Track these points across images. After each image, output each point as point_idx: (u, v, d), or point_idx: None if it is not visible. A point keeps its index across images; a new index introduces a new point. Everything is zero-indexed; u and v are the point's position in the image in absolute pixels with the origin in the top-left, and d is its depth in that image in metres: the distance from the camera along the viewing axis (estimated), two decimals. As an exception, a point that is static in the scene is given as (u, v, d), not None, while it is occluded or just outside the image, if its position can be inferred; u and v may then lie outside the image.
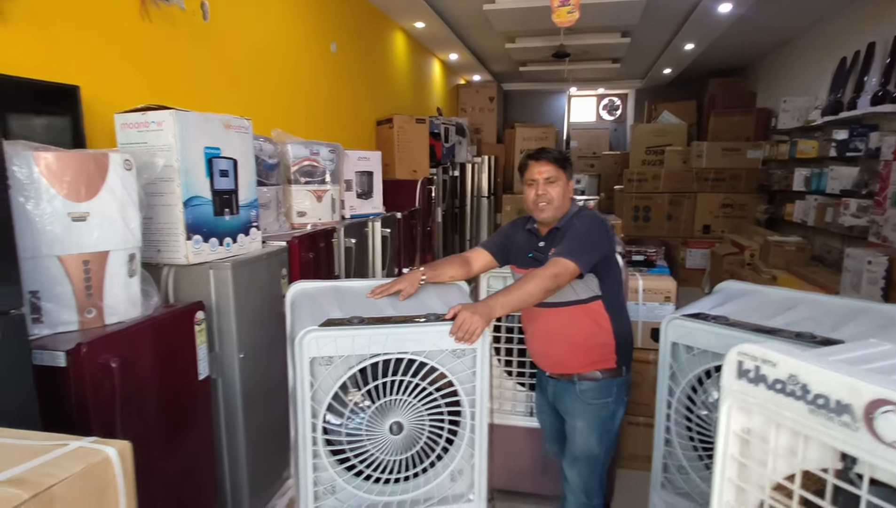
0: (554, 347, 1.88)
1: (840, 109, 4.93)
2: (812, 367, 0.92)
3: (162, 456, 1.79)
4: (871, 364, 0.98)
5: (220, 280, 2.12)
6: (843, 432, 0.87)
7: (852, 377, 0.87)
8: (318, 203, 3.25)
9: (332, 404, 1.54)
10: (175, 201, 2.03)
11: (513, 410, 2.48)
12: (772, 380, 0.98)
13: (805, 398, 0.93)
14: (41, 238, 1.53)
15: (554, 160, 1.84)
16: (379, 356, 1.54)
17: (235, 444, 2.23)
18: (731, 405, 1.07)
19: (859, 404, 0.85)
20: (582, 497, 1.92)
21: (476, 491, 1.70)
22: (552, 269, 1.66)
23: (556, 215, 1.85)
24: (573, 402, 1.87)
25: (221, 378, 2.18)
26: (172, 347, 1.82)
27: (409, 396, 1.58)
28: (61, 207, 1.55)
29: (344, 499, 1.61)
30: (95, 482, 0.88)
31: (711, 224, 6.99)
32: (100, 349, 1.51)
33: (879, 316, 1.54)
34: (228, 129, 2.22)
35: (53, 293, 1.58)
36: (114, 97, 2.29)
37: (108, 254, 1.66)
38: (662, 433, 1.73)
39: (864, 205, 4.49)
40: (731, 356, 1.06)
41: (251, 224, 2.37)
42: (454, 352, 1.59)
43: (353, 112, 4.85)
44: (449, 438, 1.66)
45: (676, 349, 1.67)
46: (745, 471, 1.08)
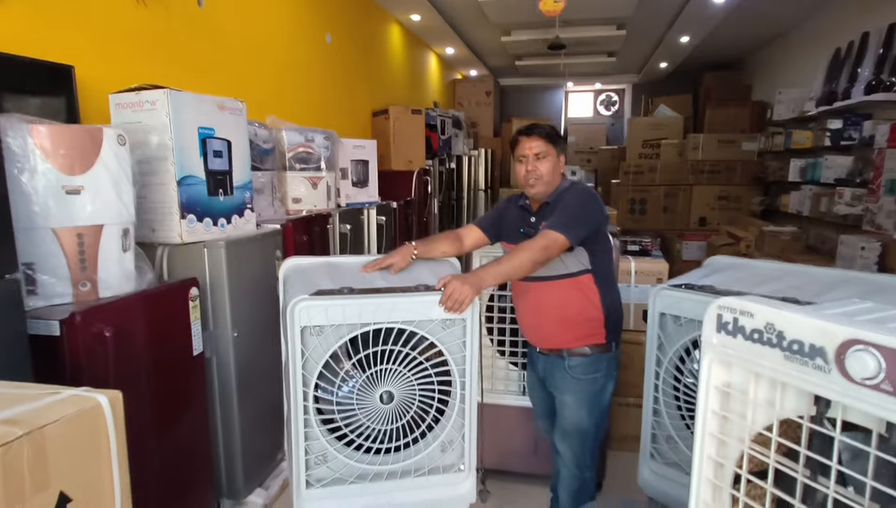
0: (544, 321, 1.89)
1: (834, 99, 4.95)
2: (787, 314, 0.94)
3: (157, 431, 1.80)
4: (848, 316, 1.00)
5: (215, 259, 2.14)
6: (817, 375, 0.89)
7: (825, 321, 0.89)
8: (313, 190, 3.27)
9: (323, 372, 1.56)
10: (169, 179, 2.04)
11: (505, 389, 2.50)
12: (749, 330, 1.00)
13: (781, 345, 0.95)
14: (35, 210, 1.55)
15: (545, 136, 1.85)
16: (369, 326, 1.56)
17: (230, 423, 2.25)
18: (712, 359, 1.09)
19: (832, 346, 0.87)
20: (574, 469, 1.94)
21: (466, 462, 1.72)
22: (542, 241, 1.68)
23: (547, 190, 1.86)
24: (563, 377, 1.89)
25: (216, 357, 2.20)
26: (167, 321, 1.83)
27: (399, 366, 1.59)
28: (55, 179, 1.57)
29: (335, 468, 1.63)
30: (87, 426, 0.90)
31: (707, 216, 7.01)
32: (94, 318, 1.53)
33: (866, 284, 1.56)
34: (222, 110, 2.24)
35: (48, 266, 1.60)
36: (108, 79, 2.31)
37: (103, 228, 1.68)
38: (651, 403, 1.75)
39: (858, 194, 4.52)
40: (710, 310, 1.08)
41: (245, 206, 2.39)
42: (444, 323, 1.61)
43: (348, 103, 4.86)
44: (439, 408, 1.68)
45: (664, 319, 1.69)
46: (725, 425, 1.11)
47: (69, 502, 0.87)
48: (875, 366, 0.82)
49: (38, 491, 0.82)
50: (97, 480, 0.91)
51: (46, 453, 0.83)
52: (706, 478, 1.13)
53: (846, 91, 4.77)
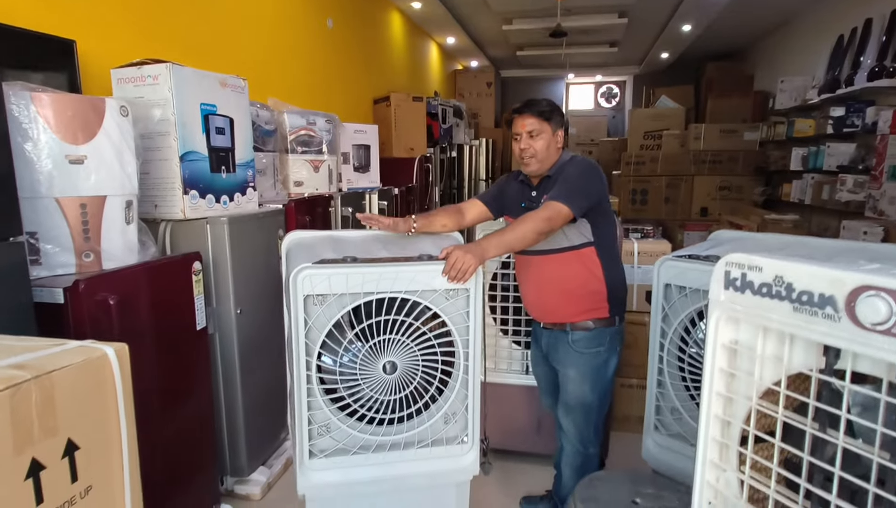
0: (546, 295, 1.89)
1: (837, 86, 4.94)
2: (796, 265, 0.94)
3: (161, 406, 1.80)
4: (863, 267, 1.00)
5: (217, 236, 2.14)
6: (827, 324, 0.89)
7: (835, 270, 0.88)
8: (314, 173, 3.26)
9: (326, 341, 1.56)
10: (171, 155, 2.04)
11: (508, 368, 2.50)
12: (758, 285, 1.00)
13: (790, 297, 0.94)
14: (39, 179, 1.55)
15: (538, 113, 1.84)
16: (372, 295, 1.56)
17: (233, 400, 2.25)
18: (719, 316, 1.08)
19: (842, 293, 0.87)
20: (578, 445, 1.94)
21: (469, 434, 1.72)
22: (545, 212, 1.68)
23: (543, 167, 1.86)
24: (566, 352, 1.89)
25: (219, 334, 2.20)
26: (170, 294, 1.83)
27: (402, 336, 1.59)
28: (58, 148, 1.57)
29: (339, 438, 1.63)
30: (94, 376, 0.90)
31: (709, 206, 6.99)
32: (98, 286, 1.52)
33: (870, 252, 1.55)
34: (224, 87, 2.23)
35: (51, 235, 1.59)
36: (110, 54, 2.30)
37: (106, 199, 1.68)
38: (655, 375, 1.75)
39: (860, 180, 4.51)
40: (718, 267, 1.07)
41: (248, 184, 2.38)
42: (447, 293, 1.61)
43: (349, 89, 4.85)
44: (443, 379, 1.67)
45: (669, 290, 1.69)
46: (733, 383, 1.10)
47: (77, 450, 0.86)
48: (886, 311, 0.81)
49: (47, 437, 0.82)
50: (105, 430, 0.91)
51: (54, 399, 0.82)
52: (713, 438, 1.13)
53: (849, 78, 4.76)
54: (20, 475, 0.78)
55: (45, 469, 0.81)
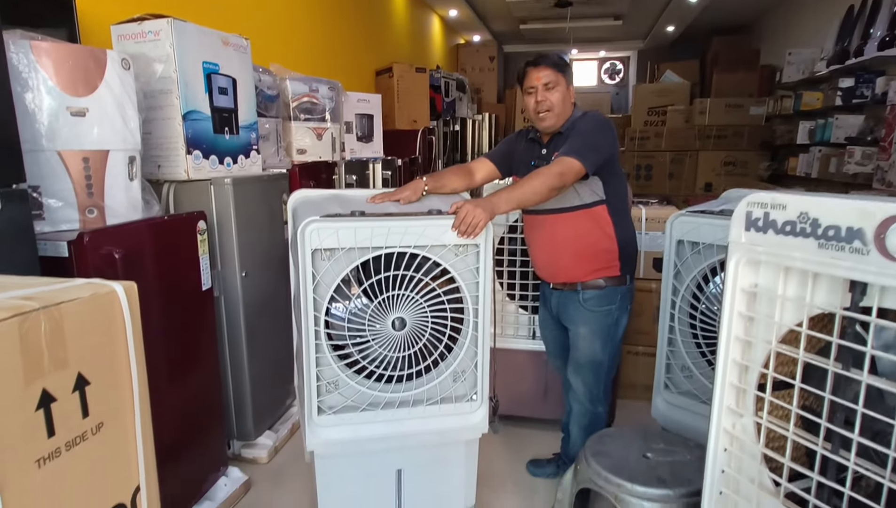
0: (558, 254, 1.87)
1: (846, 57, 4.85)
2: (823, 200, 0.91)
3: (168, 367, 1.79)
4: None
5: (221, 197, 2.11)
6: (854, 258, 0.87)
7: (864, 202, 0.86)
8: (318, 141, 3.22)
9: (334, 297, 1.54)
10: (174, 113, 2.00)
11: (515, 334, 2.49)
12: (781, 223, 0.98)
13: (815, 234, 0.92)
14: (40, 130, 1.52)
15: (553, 65, 1.80)
16: (381, 250, 1.53)
17: (240, 364, 2.24)
18: (739, 259, 1.06)
19: (871, 225, 0.85)
20: (587, 404, 1.93)
21: (479, 391, 1.71)
22: (557, 167, 1.64)
23: (558, 121, 1.82)
24: (577, 310, 1.87)
25: (224, 297, 2.19)
26: (176, 252, 1.81)
27: (411, 291, 1.57)
28: (59, 99, 1.53)
29: (347, 395, 1.62)
30: (103, 311, 0.88)
31: (713, 182, 6.94)
32: (102, 240, 1.50)
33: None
34: (227, 46, 2.18)
35: (54, 189, 1.57)
36: (109, 11, 2.24)
37: (108, 153, 1.65)
38: (666, 333, 1.74)
39: (868, 152, 4.46)
40: (740, 208, 1.05)
41: (251, 147, 2.35)
42: (457, 249, 1.59)
43: (351, 60, 4.78)
44: (452, 336, 1.66)
45: (681, 247, 1.67)
46: (751, 327, 1.09)
47: (87, 385, 0.85)
48: (918, 240, 0.79)
49: (57, 369, 0.80)
50: (115, 366, 0.90)
51: (64, 331, 0.80)
52: (730, 383, 1.11)
53: (858, 49, 4.68)
54: (32, 404, 0.76)
55: (56, 402, 0.80)
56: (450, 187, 1.88)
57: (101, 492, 0.89)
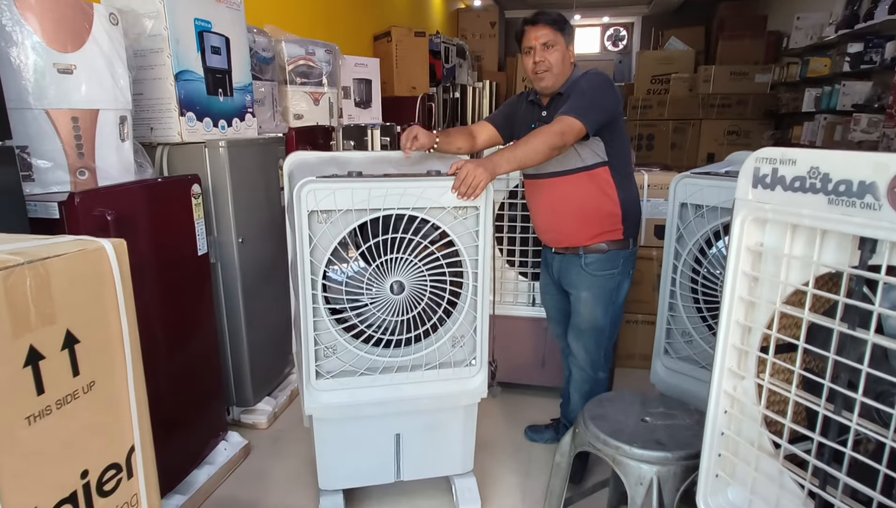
0: (560, 218, 1.83)
1: (856, 21, 4.74)
2: (835, 154, 0.88)
3: (165, 333, 1.78)
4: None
5: (216, 160, 2.07)
6: (866, 214, 0.84)
7: (878, 155, 0.83)
8: (315, 106, 3.15)
9: (331, 260, 1.52)
10: (166, 73, 1.95)
11: (514, 301, 2.47)
12: (790, 179, 0.95)
13: (825, 189, 0.89)
14: (26, 87, 1.47)
15: (552, 23, 1.73)
16: (379, 212, 1.50)
17: (238, 331, 2.23)
18: (745, 217, 1.04)
19: (884, 179, 0.81)
20: (588, 370, 1.93)
21: (478, 356, 1.70)
22: (558, 126, 1.60)
23: (557, 82, 1.77)
24: (578, 275, 1.85)
25: (221, 264, 2.17)
26: (170, 215, 1.78)
27: (409, 255, 1.55)
28: (46, 56, 1.48)
29: (345, 359, 1.61)
30: (92, 268, 0.86)
31: (716, 152, 6.86)
32: (94, 201, 1.47)
33: None
34: (219, 2, 2.11)
35: (43, 150, 1.53)
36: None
37: (98, 113, 1.60)
38: (667, 298, 1.72)
39: (875, 120, 4.39)
40: (747, 164, 1.02)
41: (246, 109, 2.30)
42: (456, 212, 1.56)
43: (348, 23, 4.66)
44: (451, 300, 1.64)
45: (684, 210, 1.64)
46: (756, 287, 1.06)
47: (77, 343, 0.83)
48: (933, 194, 0.76)
49: (45, 324, 0.78)
50: (105, 324, 0.88)
51: (51, 286, 0.78)
52: (732, 345, 1.10)
53: (869, 12, 4.56)
54: (18, 361, 0.75)
55: (45, 360, 0.78)
56: (455, 147, 1.84)
57: (95, 452, 0.88)
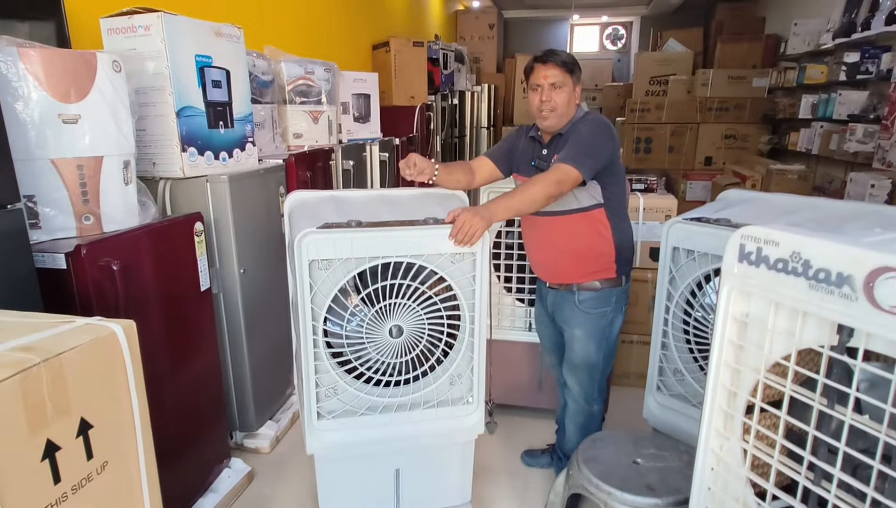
0: (555, 257, 1.87)
1: (853, 30, 4.76)
2: (816, 241, 0.92)
3: (170, 366, 1.82)
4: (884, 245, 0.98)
5: (218, 194, 2.10)
6: (843, 303, 0.88)
7: (856, 248, 0.87)
8: (314, 124, 3.18)
9: (332, 306, 1.56)
10: (168, 110, 1.97)
11: (511, 326, 2.52)
12: (773, 260, 0.98)
13: (806, 274, 0.93)
14: (32, 139, 1.50)
15: (562, 64, 1.76)
16: (378, 260, 1.54)
17: (240, 358, 2.28)
18: (731, 289, 1.07)
19: (861, 273, 0.85)
20: (582, 403, 1.97)
21: (475, 394, 1.74)
22: (555, 175, 1.64)
23: (561, 122, 1.80)
24: (572, 312, 1.89)
25: (223, 294, 2.20)
26: (173, 256, 1.81)
27: (408, 300, 1.59)
28: (51, 107, 1.51)
29: (346, 400, 1.65)
30: (103, 355, 0.89)
31: (713, 155, 6.89)
32: (100, 251, 1.50)
33: (883, 217, 1.52)
34: (219, 37, 2.14)
35: (49, 198, 1.56)
36: (98, 1, 2.19)
37: (103, 159, 1.63)
38: (660, 337, 1.76)
39: (870, 130, 4.42)
40: (733, 239, 1.05)
41: (247, 139, 2.33)
42: (453, 257, 1.59)
43: (347, 35, 4.67)
44: (448, 342, 1.68)
45: (677, 253, 1.67)
46: (741, 354, 1.10)
47: (91, 428, 0.87)
48: (905, 294, 0.80)
49: (60, 417, 0.82)
50: (117, 407, 0.92)
51: (65, 380, 0.82)
52: (719, 407, 1.14)
53: (866, 21, 4.58)
54: (36, 456, 0.79)
55: (61, 450, 0.82)
56: (454, 179, 1.88)
57: (108, 526, 0.92)
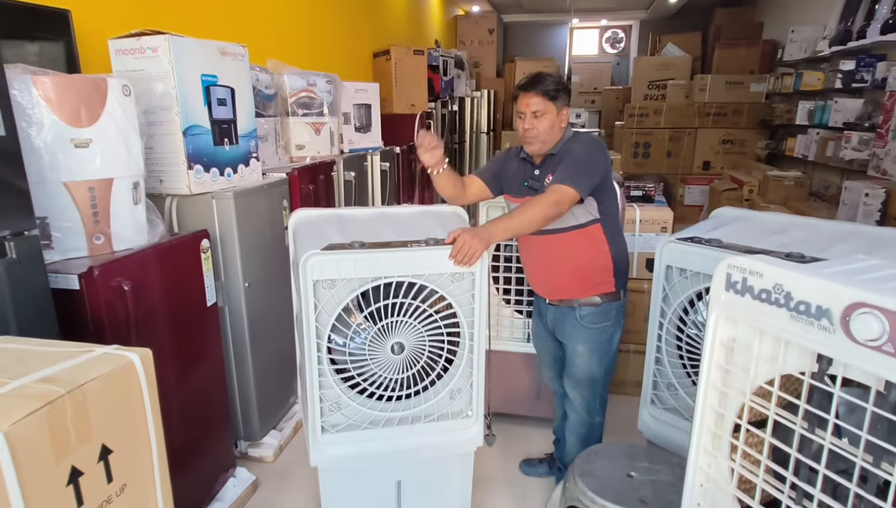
0: (554, 274, 1.92)
1: (849, 38, 4.80)
2: (796, 275, 0.97)
3: (177, 379, 1.87)
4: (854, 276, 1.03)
5: (223, 210, 2.15)
6: (822, 335, 0.93)
7: (833, 283, 0.92)
8: (316, 136, 3.23)
9: (335, 325, 1.61)
10: (174, 129, 2.03)
11: (510, 337, 2.57)
12: (758, 290, 1.03)
13: (788, 306, 0.98)
14: (45, 164, 1.55)
15: (543, 93, 1.80)
16: (380, 280, 1.59)
17: (244, 369, 2.33)
18: (719, 315, 1.12)
19: (838, 307, 0.90)
20: (584, 415, 2.03)
21: (474, 408, 1.79)
22: (553, 196, 1.69)
23: (545, 147, 1.84)
24: (574, 328, 1.94)
25: (228, 307, 2.25)
26: (181, 273, 1.86)
27: (409, 318, 1.64)
28: (63, 132, 1.56)
29: (349, 415, 1.70)
30: (122, 383, 0.94)
31: (711, 160, 6.95)
32: (111, 272, 1.55)
33: (870, 237, 1.58)
34: (224, 56, 2.19)
35: (62, 220, 1.61)
36: (106, 22, 2.24)
37: (113, 181, 1.68)
38: (654, 352, 1.81)
39: (865, 138, 4.47)
40: (720, 269, 1.10)
41: (251, 155, 2.38)
42: (453, 276, 1.64)
43: (348, 43, 4.72)
44: (448, 358, 1.73)
45: (670, 271, 1.72)
46: (728, 377, 1.15)
47: (110, 453, 0.92)
48: (879, 329, 0.85)
49: (83, 444, 0.87)
50: (134, 432, 0.97)
51: (87, 409, 0.87)
52: (707, 427, 1.19)
53: (861, 30, 4.62)
54: (62, 482, 0.84)
55: (84, 475, 0.87)
56: (451, 185, 1.93)
57: (126, 544, 0.97)
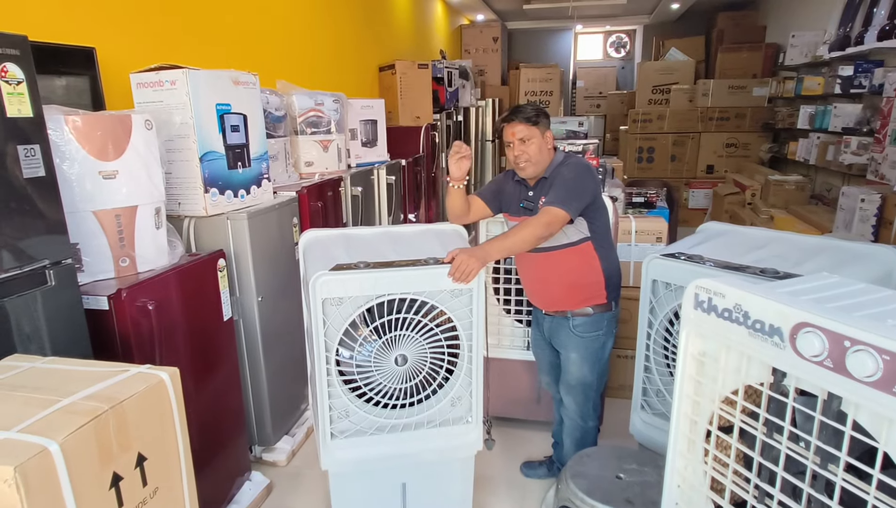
0: (549, 288, 2.04)
1: (848, 44, 4.86)
2: (752, 296, 1.08)
3: (196, 389, 2.00)
4: (812, 295, 1.13)
5: (238, 230, 2.29)
6: (775, 350, 1.04)
7: (782, 304, 1.03)
8: (324, 153, 3.37)
9: (343, 339, 1.73)
10: (192, 156, 2.17)
11: (511, 345, 2.68)
12: (721, 309, 1.14)
13: (746, 324, 1.09)
14: (76, 195, 1.69)
15: (525, 120, 1.94)
16: (384, 297, 1.71)
17: (258, 378, 2.46)
18: (690, 331, 1.24)
19: (787, 326, 1.01)
20: (578, 420, 2.14)
21: (473, 415, 1.91)
22: (544, 218, 1.81)
23: (538, 169, 1.97)
24: (567, 336, 2.05)
25: (242, 319, 2.39)
26: (199, 291, 2.00)
27: (412, 331, 1.76)
28: (92, 166, 1.70)
29: (357, 422, 1.83)
30: (155, 400, 1.07)
31: (715, 164, 7.02)
32: (137, 293, 1.69)
33: (842, 252, 1.68)
34: (237, 85, 2.33)
35: (91, 245, 1.75)
36: (128, 56, 2.39)
37: (137, 208, 1.82)
38: (642, 361, 1.92)
39: (864, 143, 4.53)
40: (689, 289, 1.22)
41: (262, 176, 2.51)
42: (452, 292, 1.76)
43: (354, 59, 4.86)
44: (449, 369, 1.85)
45: (656, 285, 1.83)
46: (700, 388, 1.26)
47: (145, 460, 1.05)
48: (820, 346, 0.96)
49: (123, 452, 1.00)
50: (165, 441, 1.10)
51: (127, 422, 1.00)
52: (682, 433, 1.30)
53: (860, 36, 4.69)
54: (105, 485, 0.97)
55: (123, 479, 1.00)
56: (460, 203, 2.08)
57: (159, 541, 1.10)
